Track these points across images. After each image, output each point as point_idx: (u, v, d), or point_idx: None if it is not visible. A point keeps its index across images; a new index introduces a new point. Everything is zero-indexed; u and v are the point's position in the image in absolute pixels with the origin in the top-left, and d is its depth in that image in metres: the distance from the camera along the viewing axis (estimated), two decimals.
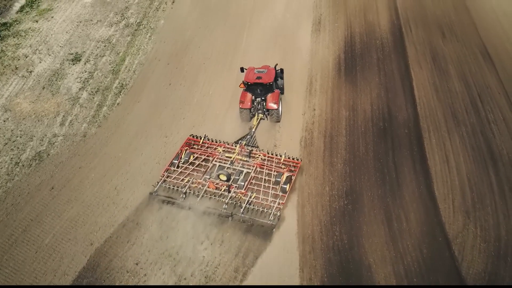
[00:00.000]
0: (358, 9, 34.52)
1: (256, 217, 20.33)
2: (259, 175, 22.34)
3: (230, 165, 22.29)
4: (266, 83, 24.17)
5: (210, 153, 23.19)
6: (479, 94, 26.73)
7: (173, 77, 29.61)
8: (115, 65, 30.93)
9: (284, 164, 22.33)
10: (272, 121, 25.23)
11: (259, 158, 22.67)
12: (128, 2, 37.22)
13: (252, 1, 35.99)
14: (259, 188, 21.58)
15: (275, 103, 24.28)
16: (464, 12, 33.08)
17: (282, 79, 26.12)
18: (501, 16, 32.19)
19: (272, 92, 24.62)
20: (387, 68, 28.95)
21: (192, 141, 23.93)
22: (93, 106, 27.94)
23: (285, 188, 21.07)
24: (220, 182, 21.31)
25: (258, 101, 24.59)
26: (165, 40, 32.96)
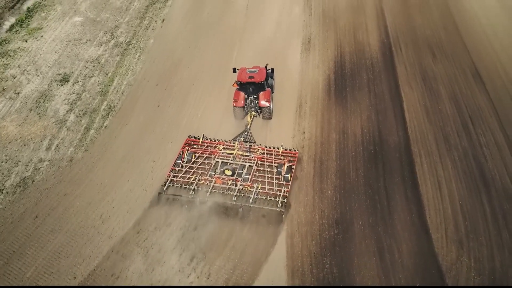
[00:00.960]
0: (348, 27, 33.27)
1: (264, 205, 21.10)
2: (261, 167, 22.88)
3: (233, 161, 22.84)
4: (258, 82, 24.85)
5: (211, 151, 23.50)
6: (470, 116, 25.56)
7: (162, 99, 28.27)
8: (104, 86, 29.62)
9: (283, 155, 23.21)
10: (264, 118, 25.96)
11: (258, 152, 23.38)
12: (118, 21, 35.87)
13: (243, 20, 34.72)
14: (263, 180, 22.18)
15: (267, 101, 25.02)
16: (454, 32, 31.92)
17: (273, 78, 26.96)
18: (491, 36, 31.09)
19: (264, 90, 25.31)
20: (377, 89, 27.77)
21: (191, 141, 24.25)
22: (80, 129, 26.65)
23: (288, 177, 21.91)
24: (226, 177, 21.82)
25: (250, 99, 25.27)
26: (154, 59, 31.63)
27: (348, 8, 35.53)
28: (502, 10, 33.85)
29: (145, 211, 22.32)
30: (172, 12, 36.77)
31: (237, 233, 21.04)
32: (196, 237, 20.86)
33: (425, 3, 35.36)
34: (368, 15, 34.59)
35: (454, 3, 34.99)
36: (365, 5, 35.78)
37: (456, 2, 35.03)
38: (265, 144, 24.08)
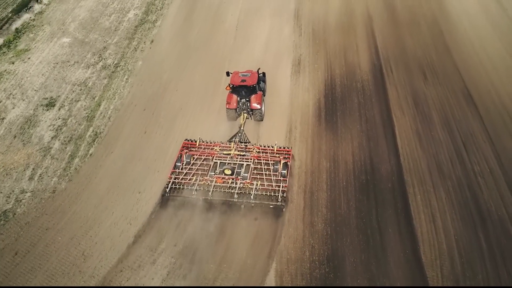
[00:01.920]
0: (338, 48, 31.81)
1: (265, 201, 21.57)
2: (258, 165, 23.08)
3: (230, 161, 23.04)
4: (250, 85, 25.32)
5: (209, 153, 23.57)
6: (463, 142, 24.19)
7: (149, 125, 26.67)
8: (90, 111, 27.97)
9: (277, 153, 23.40)
10: (256, 120, 26.29)
11: (254, 151, 23.60)
12: (107, 42, 34.23)
13: (232, 40, 33.21)
14: (261, 177, 22.41)
15: (258, 104, 25.30)
16: (445, 53, 30.54)
17: (265, 82, 27.29)
18: (483, 57, 29.80)
19: (256, 93, 25.62)
20: (368, 113, 26.29)
21: (188, 144, 24.29)
22: (64, 157, 25.02)
23: (284, 173, 22.31)
24: (226, 176, 22.14)
25: (243, 102, 25.53)
26: (142, 82, 30.03)
27: (338, 28, 34.04)
28: (493, 30, 32.63)
29: (129, 247, 20.92)
30: (161, 32, 35.08)
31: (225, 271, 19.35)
32: (182, 274, 19.25)
33: (415, 22, 33.94)
34: (358, 35, 33.12)
35: (445, 23, 33.62)
36: (355, 25, 34.35)
37: (447, 22, 33.65)
38: (259, 144, 24.35)
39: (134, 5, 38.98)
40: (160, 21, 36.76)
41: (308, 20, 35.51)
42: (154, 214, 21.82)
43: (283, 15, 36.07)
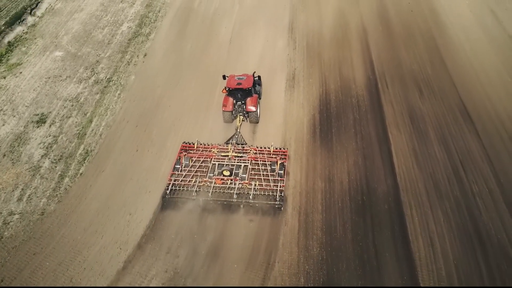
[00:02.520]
0: (333, 62, 30.85)
1: (263, 201, 21.70)
2: (256, 166, 23.15)
3: (228, 162, 23.13)
4: (245, 88, 25.47)
5: (207, 155, 23.60)
6: (461, 160, 23.18)
7: (140, 142, 25.65)
8: (81, 127, 26.91)
9: (274, 154, 23.62)
10: (251, 122, 26.40)
11: (251, 152, 23.74)
12: (100, 56, 33.17)
13: (226, 54, 32.19)
14: (259, 177, 22.52)
15: (254, 106, 25.48)
16: (441, 67, 29.57)
17: (260, 85, 27.34)
18: (479, 71, 28.86)
19: (251, 96, 25.79)
20: (364, 130, 25.30)
21: (186, 147, 24.31)
22: (54, 177, 23.91)
23: (282, 173, 22.52)
24: (225, 177, 22.23)
25: (238, 104, 25.69)
26: (134, 98, 28.99)
27: (332, 41, 33.04)
28: (489, 44, 31.66)
29: (118, 273, 19.91)
30: (154, 46, 34.01)
31: None
32: None
33: (411, 35, 32.95)
34: (353, 49, 32.14)
35: (440, 36, 32.63)
36: (349, 37, 33.35)
37: (442, 35, 32.67)
38: (256, 145, 24.47)
39: (127, 18, 37.87)
40: (154, 34, 35.62)
41: (303, 33, 34.46)
42: (144, 238, 20.37)
43: (278, 27, 35.06)
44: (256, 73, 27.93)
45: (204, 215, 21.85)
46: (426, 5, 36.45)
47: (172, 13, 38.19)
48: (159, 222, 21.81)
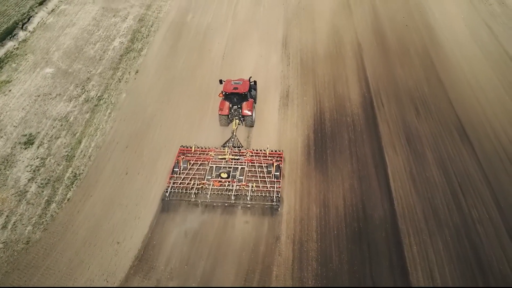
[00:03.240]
0: (327, 79, 29.58)
1: (261, 202, 21.79)
2: (252, 168, 22.98)
3: (226, 165, 23.11)
4: (241, 92, 25.45)
5: (204, 158, 23.56)
6: (459, 184, 22.01)
7: (130, 165, 24.30)
8: (70, 149, 25.51)
9: (270, 156, 23.64)
10: (247, 126, 26.33)
11: (247, 155, 23.71)
12: (91, 72, 31.77)
13: (218, 71, 30.88)
14: (256, 179, 22.48)
15: (249, 110, 25.43)
16: (436, 83, 28.37)
17: (256, 90, 27.32)
18: (475, 88, 27.72)
19: (247, 101, 25.75)
20: (359, 151, 24.03)
21: (184, 150, 24.27)
22: (41, 202, 22.54)
23: (278, 175, 22.51)
24: (222, 180, 22.27)
25: (234, 108, 25.64)
26: (125, 117, 27.57)
27: (327, 57, 31.78)
28: (485, 59, 30.56)
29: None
30: (146, 62, 32.65)
31: None
32: None
33: (406, 51, 31.74)
34: (347, 65, 30.89)
35: (435, 51, 31.51)
36: (344, 53, 32.09)
37: (437, 50, 31.56)
38: (252, 148, 24.49)
39: (119, 33, 36.50)
40: (146, 50, 34.27)
41: (296, 49, 33.20)
42: (133, 269, 18.99)
43: (271, 43, 33.81)
44: (252, 80, 27.63)
45: (198, 236, 21.06)
46: (420, 20, 35.29)
47: (165, 28, 36.82)
48: (148, 251, 20.70)
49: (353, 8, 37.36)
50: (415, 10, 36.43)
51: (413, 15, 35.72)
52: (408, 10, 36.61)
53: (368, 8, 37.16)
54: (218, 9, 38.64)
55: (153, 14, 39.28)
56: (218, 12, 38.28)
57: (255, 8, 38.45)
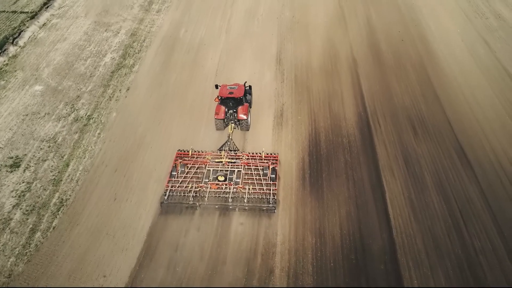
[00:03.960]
0: (322, 97, 28.14)
1: (258, 204, 21.66)
2: (249, 171, 22.92)
3: (222, 168, 23.02)
4: (237, 97, 25.47)
5: (201, 161, 23.47)
6: (460, 211, 20.61)
7: (119, 190, 22.85)
8: (57, 172, 23.98)
9: (265, 159, 23.50)
10: (243, 130, 26.27)
11: (243, 158, 23.59)
12: (81, 90, 30.26)
13: (211, 89, 29.15)
14: (252, 182, 22.35)
15: (245, 114, 25.31)
16: (434, 102, 27.01)
17: (251, 94, 27.16)
18: (474, 106, 26.40)
19: (242, 105, 25.56)
20: (356, 175, 22.59)
21: (181, 154, 24.12)
22: (25, 231, 21.13)
23: (274, 177, 22.46)
24: (220, 183, 22.17)
25: (230, 112, 25.55)
26: (115, 138, 26.10)
27: (321, 73, 30.34)
28: (483, 75, 29.21)
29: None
30: (138, 78, 31.13)
31: None
32: None
33: (402, 67, 30.41)
34: (343, 82, 29.43)
35: (432, 67, 30.25)
36: (339, 69, 30.70)
37: (434, 66, 30.29)
38: (247, 151, 24.38)
39: (111, 48, 34.96)
40: (138, 66, 32.76)
41: (291, 64, 31.73)
42: None
43: (265, 58, 32.32)
44: (247, 84, 27.21)
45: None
46: (416, 33, 33.90)
47: (157, 43, 35.30)
48: (135, 285, 19.32)
49: (348, 21, 35.94)
50: (410, 24, 35.03)
51: (409, 29, 34.32)
52: (404, 23, 35.19)
53: (363, 22, 35.74)
54: (211, 23, 37.16)
55: (146, 28, 37.76)
56: (212, 26, 36.81)
57: (248, 22, 36.99)
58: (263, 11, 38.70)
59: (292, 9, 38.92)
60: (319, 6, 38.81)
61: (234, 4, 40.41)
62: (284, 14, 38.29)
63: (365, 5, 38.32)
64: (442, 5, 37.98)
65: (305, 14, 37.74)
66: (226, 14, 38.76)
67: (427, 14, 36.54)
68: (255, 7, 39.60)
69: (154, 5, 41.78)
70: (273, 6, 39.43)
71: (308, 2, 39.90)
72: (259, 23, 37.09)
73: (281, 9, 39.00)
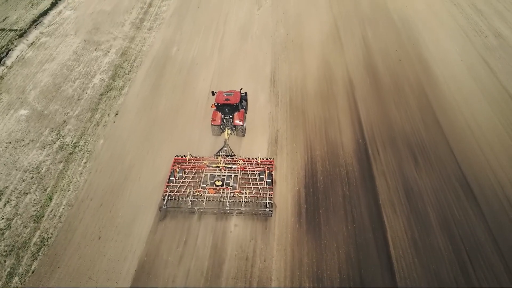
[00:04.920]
0: (318, 122, 26.18)
1: (254, 208, 21.30)
2: (245, 176, 22.51)
3: (219, 173, 22.72)
4: (233, 103, 25.37)
5: (199, 166, 23.29)
6: (468, 253, 18.85)
7: (104, 227, 20.87)
8: (40, 207, 21.97)
9: (261, 164, 23.28)
10: (238, 135, 26.12)
11: (240, 163, 23.36)
12: (68, 114, 28.13)
13: (203, 112, 27.73)
14: (249, 186, 22.01)
15: (241, 120, 25.33)
16: (435, 128, 25.13)
17: (246, 101, 27.12)
18: (476, 132, 24.62)
19: (238, 111, 25.52)
20: (355, 211, 20.70)
21: (179, 160, 23.91)
22: (2, 275, 19.40)
23: (270, 181, 22.10)
24: (217, 187, 21.87)
25: (226, 118, 25.55)
26: (101, 168, 24.02)
27: (317, 96, 28.35)
28: (484, 98, 27.44)
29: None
30: (127, 102, 29.10)
31: None
32: None
33: (400, 89, 28.61)
34: (340, 106, 27.42)
35: (431, 89, 28.55)
36: (335, 92, 28.74)
37: (433, 88, 28.53)
38: (244, 156, 23.96)
39: (100, 68, 32.89)
40: (127, 88, 30.68)
41: (285, 86, 29.72)
42: None
43: (259, 79, 30.41)
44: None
45: None
46: (414, 53, 31.97)
47: (148, 63, 33.24)
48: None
49: (344, 41, 34.06)
50: (407, 42, 33.15)
51: (406, 48, 32.41)
52: (401, 42, 33.29)
53: (359, 41, 33.79)
54: (203, 41, 35.15)
55: (137, 47, 35.71)
56: (204, 44, 34.80)
57: (242, 40, 35.09)
58: (257, 29, 36.78)
59: (287, 27, 37.01)
60: (314, 24, 36.91)
61: (227, 21, 38.48)
62: (278, 32, 36.32)
63: (361, 23, 36.50)
64: (440, 22, 36.11)
65: (299, 33, 35.88)
66: (219, 32, 36.79)
67: (425, 33, 34.70)
68: (248, 25, 37.65)
69: (146, 22, 39.69)
70: (267, 24, 37.53)
71: (303, 20, 38.01)
72: (252, 42, 35.14)
73: (275, 27, 37.13)
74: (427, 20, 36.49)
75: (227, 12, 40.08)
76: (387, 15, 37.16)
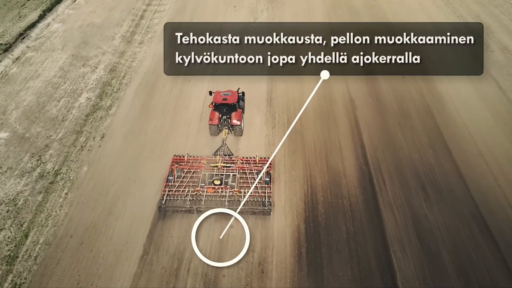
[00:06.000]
0: (318, 147, 23.79)
1: (253, 207, 20.84)
2: (243, 175, 22.00)
3: (218, 172, 22.31)
4: (230, 103, 25.18)
5: (197, 166, 22.82)
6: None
7: (84, 269, 18.55)
8: (14, 246, 19.45)
9: (259, 163, 22.81)
10: (236, 135, 25.89)
11: (238, 162, 22.96)
12: (50, 138, 25.59)
13: (195, 135, 26.28)
14: (248, 185, 21.34)
15: (238, 120, 25.07)
16: (444, 155, 22.85)
17: (243, 101, 26.80)
18: (491, 163, 22.23)
19: (236, 111, 25.25)
20: (360, 250, 18.28)
21: (177, 159, 23.43)
22: None
23: (268, 180, 21.84)
24: (216, 186, 21.54)
25: (224, 118, 25.30)
26: (84, 200, 21.54)
27: (317, 118, 25.91)
28: (494, 120, 24.39)
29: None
30: (114, 124, 26.50)
31: None
32: None
33: (405, 111, 26.35)
34: (340, 128, 25.00)
35: (438, 110, 26.41)
36: (336, 113, 26.25)
37: (440, 109, 26.37)
38: (242, 156, 23.54)
39: (87, 86, 30.30)
40: (115, 108, 28.08)
41: (282, 106, 27.32)
42: None
43: (254, 99, 28.01)
44: (240, 91, 25.90)
45: None
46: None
47: (138, 80, 30.66)
48: None
49: None
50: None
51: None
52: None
53: None
54: None
55: (126, 63, 33.12)
56: None
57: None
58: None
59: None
60: None
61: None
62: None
63: None
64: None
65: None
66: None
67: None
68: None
69: (137, 35, 37.12)
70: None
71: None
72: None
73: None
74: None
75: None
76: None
